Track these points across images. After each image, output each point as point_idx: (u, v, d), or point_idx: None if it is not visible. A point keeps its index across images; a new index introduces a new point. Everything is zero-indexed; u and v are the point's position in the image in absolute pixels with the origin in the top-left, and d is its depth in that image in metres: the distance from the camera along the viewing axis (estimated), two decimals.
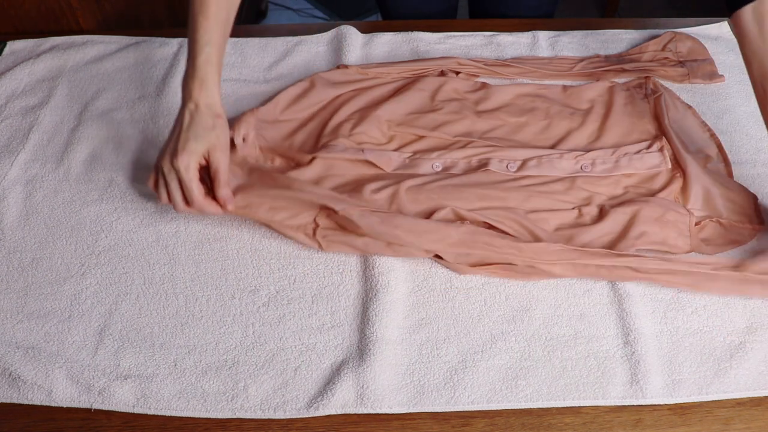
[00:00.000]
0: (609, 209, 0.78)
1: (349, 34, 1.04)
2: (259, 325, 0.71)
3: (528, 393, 0.66)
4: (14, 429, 0.65)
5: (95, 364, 0.68)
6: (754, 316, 0.71)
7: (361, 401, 0.65)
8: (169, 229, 0.79)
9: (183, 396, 0.66)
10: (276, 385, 0.67)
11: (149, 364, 0.68)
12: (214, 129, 0.74)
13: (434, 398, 0.66)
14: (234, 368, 0.68)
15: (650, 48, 1.01)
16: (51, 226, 0.80)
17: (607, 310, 0.72)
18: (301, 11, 2.35)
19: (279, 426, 0.65)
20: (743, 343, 0.69)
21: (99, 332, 0.71)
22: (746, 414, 0.65)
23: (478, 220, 0.76)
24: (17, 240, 0.79)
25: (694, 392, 0.66)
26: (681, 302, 0.72)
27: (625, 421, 0.65)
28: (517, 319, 0.71)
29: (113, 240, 0.79)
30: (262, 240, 0.78)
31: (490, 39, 1.04)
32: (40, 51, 1.03)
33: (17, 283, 0.75)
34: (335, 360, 0.68)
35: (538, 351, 0.69)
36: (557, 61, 0.99)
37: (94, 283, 0.75)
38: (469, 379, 0.67)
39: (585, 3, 2.35)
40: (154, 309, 0.73)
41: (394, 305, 0.72)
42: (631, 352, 0.68)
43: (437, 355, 0.69)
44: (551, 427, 0.64)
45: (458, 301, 0.73)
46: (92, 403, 0.66)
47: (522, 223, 0.76)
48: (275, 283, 0.75)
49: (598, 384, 0.66)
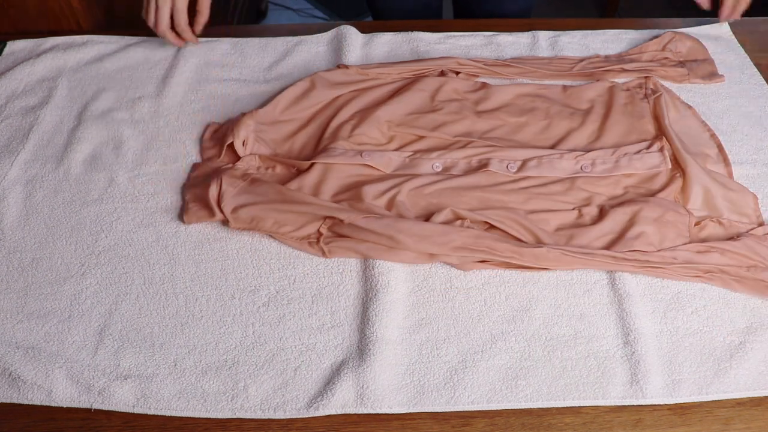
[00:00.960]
0: (609, 209, 0.78)
1: (349, 34, 1.04)
2: (259, 325, 0.71)
3: (528, 393, 0.66)
4: (14, 429, 0.65)
5: (95, 364, 0.68)
6: (754, 316, 0.71)
7: (361, 401, 0.65)
8: (169, 229, 0.79)
9: (183, 396, 0.66)
10: (276, 385, 0.67)
11: (149, 364, 0.68)
12: None
13: (434, 398, 0.66)
14: (234, 368, 0.68)
15: (650, 48, 1.01)
16: (51, 226, 0.80)
17: (607, 310, 0.72)
18: (301, 11, 2.35)
19: (279, 426, 0.65)
20: (743, 343, 0.69)
21: (99, 332, 0.71)
22: (746, 414, 0.65)
23: (478, 220, 0.76)
24: (17, 240, 0.79)
25: (694, 392, 0.66)
26: (681, 302, 0.72)
27: (625, 421, 0.65)
28: (517, 319, 0.71)
29: (113, 240, 0.78)
30: (261, 240, 0.78)
31: (490, 39, 1.04)
32: (40, 51, 1.03)
33: (17, 283, 0.75)
34: (335, 360, 0.68)
35: (538, 351, 0.69)
36: (557, 61, 0.99)
37: (94, 283, 0.75)
38: (469, 379, 0.67)
39: (585, 3, 2.35)
40: (154, 309, 0.73)
41: (394, 305, 0.72)
42: (631, 352, 0.68)
43: (437, 355, 0.69)
44: (551, 427, 0.64)
45: (458, 301, 0.73)
46: (92, 403, 0.66)
47: (522, 223, 0.76)
48: (275, 283, 0.75)
49: (598, 384, 0.66)
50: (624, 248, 0.74)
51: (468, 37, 1.04)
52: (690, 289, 0.73)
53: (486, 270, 0.75)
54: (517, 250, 0.73)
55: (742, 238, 0.75)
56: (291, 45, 1.04)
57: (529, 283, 0.74)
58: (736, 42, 1.04)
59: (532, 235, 0.76)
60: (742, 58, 1.01)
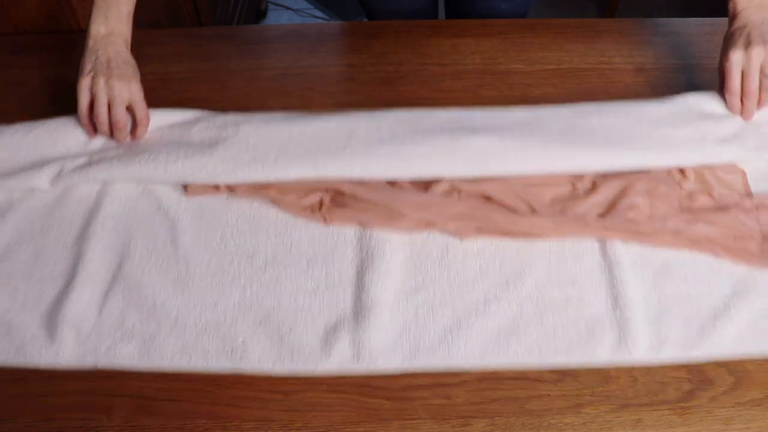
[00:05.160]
0: (602, 182, 0.80)
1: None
2: (257, 286, 0.74)
3: (520, 352, 0.68)
4: (14, 429, 0.65)
5: (100, 324, 0.71)
6: (739, 283, 0.73)
7: (357, 359, 0.68)
8: (171, 199, 0.81)
9: (185, 352, 0.69)
10: (273, 342, 0.69)
11: (151, 322, 0.71)
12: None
13: (429, 356, 0.68)
14: (233, 326, 0.70)
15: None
16: (58, 195, 0.82)
17: (597, 276, 0.74)
18: (301, 11, 2.35)
19: (279, 426, 0.65)
20: (728, 308, 0.71)
21: (104, 295, 0.73)
22: (746, 414, 0.65)
23: (475, 191, 0.78)
24: (27, 209, 0.81)
25: (679, 353, 0.68)
26: (670, 269, 0.74)
27: (625, 421, 0.65)
28: (510, 285, 0.73)
29: (117, 208, 0.80)
30: (260, 209, 0.80)
31: None
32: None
33: (27, 250, 0.77)
34: (330, 320, 0.71)
35: (530, 314, 0.71)
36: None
37: (98, 248, 0.77)
38: (463, 339, 0.69)
39: (585, 3, 2.35)
40: (156, 272, 0.75)
41: (391, 271, 0.74)
42: (619, 315, 0.70)
43: (432, 317, 0.71)
44: (551, 427, 0.65)
45: (454, 268, 0.75)
46: (97, 362, 0.68)
47: (518, 194, 0.78)
48: (272, 248, 0.77)
49: (588, 344, 0.69)
50: (616, 218, 0.76)
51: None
52: (678, 257, 0.75)
53: (482, 239, 0.77)
54: (513, 218, 0.76)
55: (731, 210, 0.77)
56: None
57: (522, 251, 0.76)
58: None
59: (527, 206, 0.78)
60: None
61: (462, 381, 0.68)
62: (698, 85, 0.97)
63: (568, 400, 0.66)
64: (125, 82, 0.82)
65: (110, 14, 0.84)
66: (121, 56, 0.84)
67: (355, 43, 1.07)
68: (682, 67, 1.00)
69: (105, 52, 0.83)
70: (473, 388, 0.67)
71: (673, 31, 1.06)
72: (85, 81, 0.82)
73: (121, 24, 0.85)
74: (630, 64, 1.01)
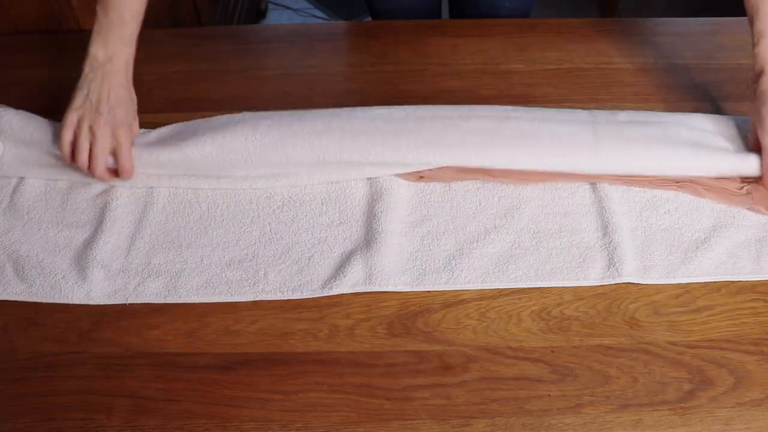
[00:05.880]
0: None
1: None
2: (275, 224, 0.80)
3: (517, 275, 0.75)
4: (14, 429, 0.65)
5: (128, 264, 0.76)
6: (719, 218, 0.80)
7: (369, 281, 0.74)
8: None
9: (209, 285, 0.74)
10: (293, 272, 0.75)
11: (177, 260, 0.77)
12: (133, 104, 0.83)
13: (435, 279, 0.75)
14: (254, 260, 0.76)
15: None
16: None
17: (588, 209, 0.81)
18: (301, 11, 2.36)
19: (279, 426, 0.65)
20: (708, 238, 0.78)
21: (130, 237, 0.79)
22: (747, 414, 0.65)
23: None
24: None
25: (663, 275, 0.75)
26: (655, 204, 0.81)
27: (626, 421, 0.65)
28: (508, 216, 0.80)
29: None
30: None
31: None
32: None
33: (55, 200, 0.83)
34: (344, 249, 0.77)
35: (526, 241, 0.78)
36: None
37: (124, 196, 0.82)
38: (465, 264, 0.76)
39: (585, 3, 2.35)
40: (180, 215, 0.81)
41: (398, 205, 0.81)
42: (608, 242, 0.77)
43: (437, 245, 0.78)
44: (551, 428, 0.65)
45: (456, 201, 0.82)
46: (127, 298, 0.73)
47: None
48: (288, 190, 0.83)
49: (580, 268, 0.75)
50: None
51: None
52: (663, 195, 0.82)
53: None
54: (508, 170, 0.82)
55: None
56: None
57: (520, 187, 0.83)
58: (736, 42, 1.04)
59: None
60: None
61: (462, 381, 0.68)
62: (698, 85, 0.97)
63: (568, 401, 0.66)
64: (113, 129, 0.78)
65: (111, 38, 0.81)
66: (116, 93, 0.80)
67: (355, 42, 1.08)
68: (682, 67, 1.00)
69: (98, 87, 0.79)
70: (473, 388, 0.67)
71: (673, 31, 1.06)
72: (71, 117, 0.78)
73: (123, 46, 0.81)
74: (630, 64, 1.01)
